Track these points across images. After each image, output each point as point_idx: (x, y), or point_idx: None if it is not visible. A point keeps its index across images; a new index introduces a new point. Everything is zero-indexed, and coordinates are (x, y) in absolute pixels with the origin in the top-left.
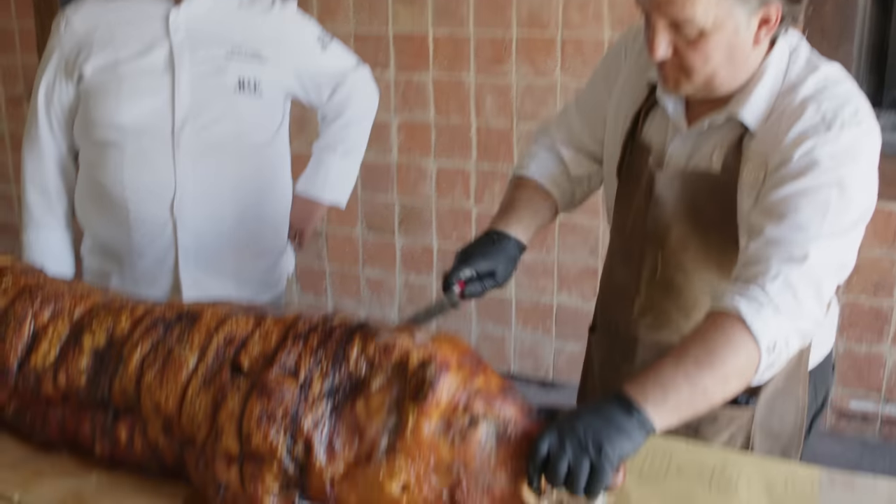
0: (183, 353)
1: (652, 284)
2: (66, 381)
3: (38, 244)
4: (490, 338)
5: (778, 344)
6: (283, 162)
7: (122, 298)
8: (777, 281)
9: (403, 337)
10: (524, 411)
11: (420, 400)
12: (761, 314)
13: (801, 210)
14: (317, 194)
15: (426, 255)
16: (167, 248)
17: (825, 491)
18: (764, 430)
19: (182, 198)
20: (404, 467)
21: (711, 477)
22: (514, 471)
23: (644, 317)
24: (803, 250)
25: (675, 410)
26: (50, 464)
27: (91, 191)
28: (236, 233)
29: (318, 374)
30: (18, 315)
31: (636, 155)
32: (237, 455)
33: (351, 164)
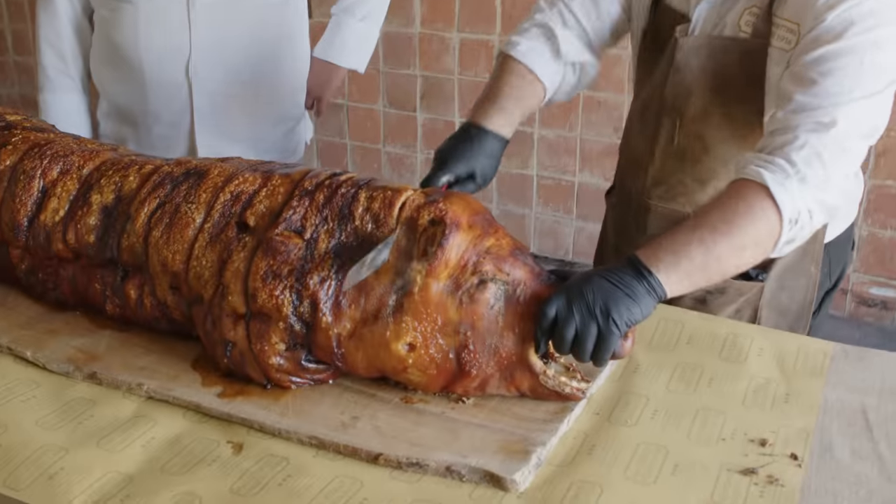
0: (189, 210)
1: (667, 153)
2: (75, 238)
3: (54, 107)
4: (510, 217)
5: (801, 216)
6: (301, 26)
7: (131, 156)
8: (804, 150)
9: (414, 193)
10: (535, 274)
11: (429, 259)
12: (786, 184)
13: (832, 74)
14: (335, 58)
15: (448, 131)
16: (182, 112)
17: (836, 363)
18: (772, 305)
19: (197, 59)
20: (411, 327)
21: (722, 347)
22: (521, 334)
23: (657, 186)
24: (831, 116)
25: (687, 277)
26: (64, 322)
27: (106, 52)
28: (253, 97)
29: (325, 232)
30: (28, 171)
31: (660, 20)
32: (244, 313)
33: (370, 28)
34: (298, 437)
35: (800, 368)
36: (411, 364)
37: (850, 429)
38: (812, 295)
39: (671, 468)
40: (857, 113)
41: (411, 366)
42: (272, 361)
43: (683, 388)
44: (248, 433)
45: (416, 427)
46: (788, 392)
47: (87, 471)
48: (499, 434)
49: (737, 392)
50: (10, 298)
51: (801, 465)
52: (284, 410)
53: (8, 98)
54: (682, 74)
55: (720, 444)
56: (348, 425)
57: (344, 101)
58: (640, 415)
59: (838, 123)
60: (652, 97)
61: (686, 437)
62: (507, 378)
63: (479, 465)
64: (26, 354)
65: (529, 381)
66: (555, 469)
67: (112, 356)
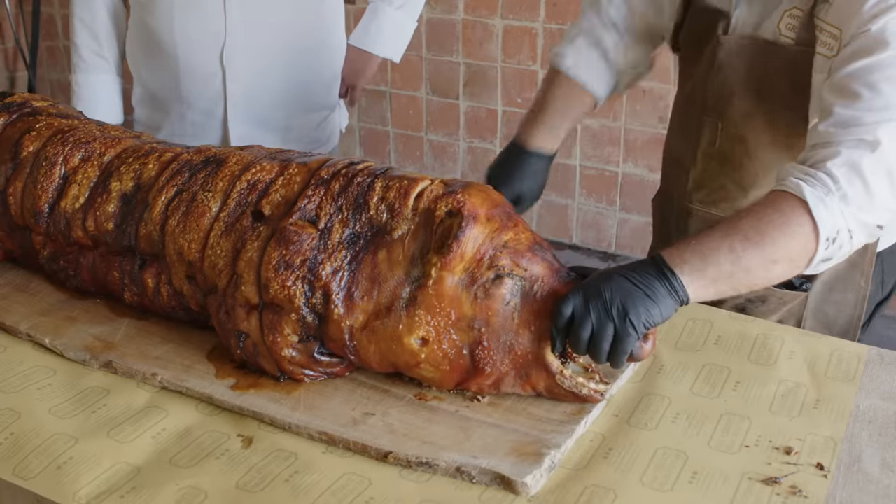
0: (206, 198)
1: (709, 155)
2: (94, 225)
3: (87, 88)
4: (552, 207)
5: (840, 236)
6: (337, 14)
7: (152, 143)
8: (845, 167)
9: (432, 184)
10: (553, 270)
11: (444, 252)
12: (827, 200)
13: (876, 88)
14: (370, 46)
15: (490, 119)
16: (216, 100)
17: (871, 368)
18: (817, 317)
19: (232, 46)
20: (424, 321)
21: (752, 348)
22: (538, 332)
23: (698, 190)
24: (874, 134)
25: (713, 283)
26: (83, 310)
27: (141, 36)
28: (287, 86)
29: (339, 222)
30: (50, 158)
31: (698, 18)
32: (257, 304)
33: (407, 17)
34: (308, 433)
35: (832, 373)
36: (424, 359)
37: (882, 439)
38: (861, 310)
39: (689, 475)
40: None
41: (424, 361)
42: (285, 353)
43: (708, 391)
44: (258, 427)
45: (429, 425)
46: (818, 398)
47: (95, 461)
48: (512, 434)
49: (764, 396)
50: (33, 284)
51: (827, 476)
52: (296, 404)
53: (58, 83)
54: (724, 74)
55: (743, 451)
56: (359, 421)
57: (387, 88)
58: (661, 418)
59: (882, 143)
60: (693, 95)
61: (707, 443)
62: (523, 377)
63: (490, 467)
64: (45, 341)
65: (546, 381)
66: (569, 472)
67: (128, 345)
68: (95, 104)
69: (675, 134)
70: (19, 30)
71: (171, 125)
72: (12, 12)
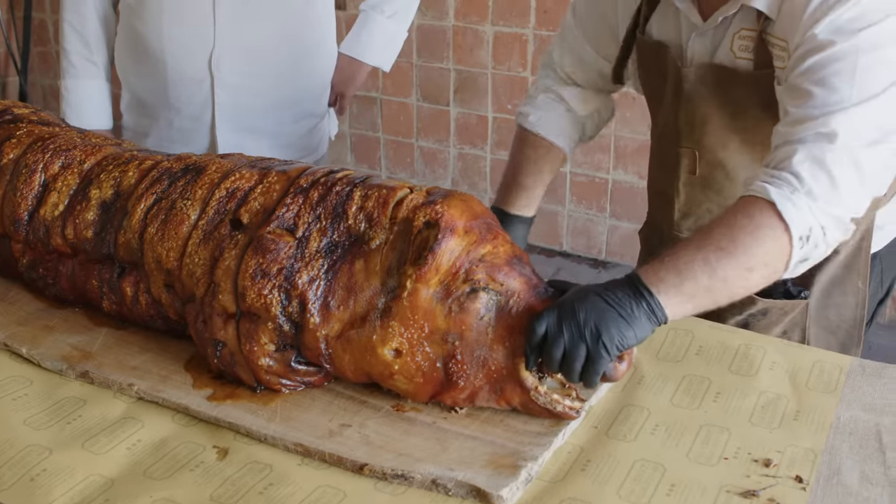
0: (185, 206)
1: (691, 184)
2: (73, 233)
3: (76, 93)
4: (542, 214)
5: (813, 233)
6: (328, 22)
7: (133, 151)
8: (807, 163)
9: (413, 193)
10: (530, 285)
11: (420, 264)
12: (794, 199)
13: (825, 83)
14: (360, 55)
15: (481, 126)
16: (204, 106)
17: (852, 379)
18: (820, 324)
19: (221, 53)
20: (397, 332)
21: (733, 359)
22: (512, 347)
23: (685, 218)
24: (830, 126)
25: (691, 299)
26: (62, 319)
27: (129, 41)
28: (275, 93)
29: (317, 230)
30: (30, 165)
31: (648, 53)
32: (234, 313)
33: (398, 26)
34: (284, 444)
35: (813, 384)
36: (397, 370)
37: (862, 451)
38: (862, 312)
39: (667, 488)
40: (857, 120)
41: (397, 372)
42: (262, 362)
43: (688, 402)
44: (234, 438)
45: (405, 437)
46: (799, 409)
47: (69, 473)
48: (489, 447)
49: (744, 408)
50: (11, 293)
51: (806, 489)
52: (272, 416)
53: (50, 88)
54: (693, 104)
55: (721, 463)
56: (336, 433)
57: (377, 94)
58: (640, 429)
59: (839, 134)
60: (666, 128)
61: (686, 455)
62: (497, 391)
63: (466, 480)
64: (22, 351)
65: (520, 397)
66: (546, 485)
67: (106, 354)
68: (84, 109)
69: (655, 167)
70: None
71: (158, 131)
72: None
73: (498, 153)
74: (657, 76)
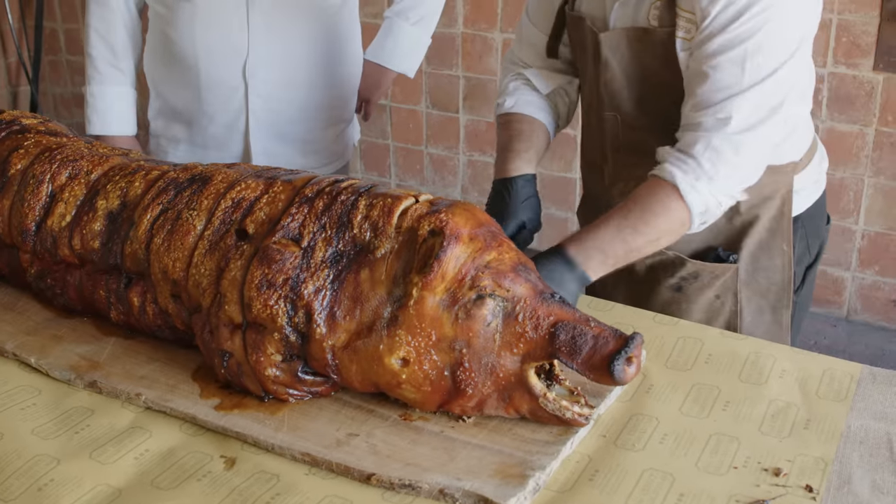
0: (191, 217)
1: (616, 150)
2: (80, 244)
3: (101, 100)
4: (552, 221)
5: (710, 208)
6: (354, 28)
7: (140, 161)
8: (709, 151)
9: (418, 203)
10: (536, 291)
11: (425, 272)
12: (697, 186)
13: (721, 67)
14: (386, 61)
15: (490, 133)
16: (238, 113)
17: (863, 387)
18: (751, 287)
19: (255, 61)
20: (404, 341)
21: (743, 367)
22: (520, 353)
23: (615, 184)
24: (726, 111)
25: (612, 267)
26: (70, 328)
27: (161, 48)
28: (308, 99)
29: (322, 240)
30: (37, 176)
31: (576, 27)
32: (240, 323)
33: (422, 32)
34: (291, 454)
35: (823, 392)
36: (405, 380)
37: (873, 460)
38: (789, 273)
39: (676, 498)
40: (749, 103)
41: (405, 381)
42: (268, 373)
43: (697, 411)
44: (242, 447)
45: (413, 446)
46: (809, 418)
47: (76, 483)
48: (497, 456)
49: (754, 416)
50: (20, 303)
51: (816, 499)
52: (280, 425)
53: (61, 97)
54: (611, 69)
55: (731, 472)
56: (343, 442)
57: (387, 102)
58: (649, 439)
59: (733, 118)
60: (590, 95)
61: (695, 464)
62: (506, 399)
63: (474, 489)
64: (30, 361)
65: (529, 404)
66: (553, 495)
67: (114, 364)
68: (109, 115)
69: (585, 138)
70: (22, 44)
71: (191, 138)
72: (15, 27)
73: None
74: (581, 47)
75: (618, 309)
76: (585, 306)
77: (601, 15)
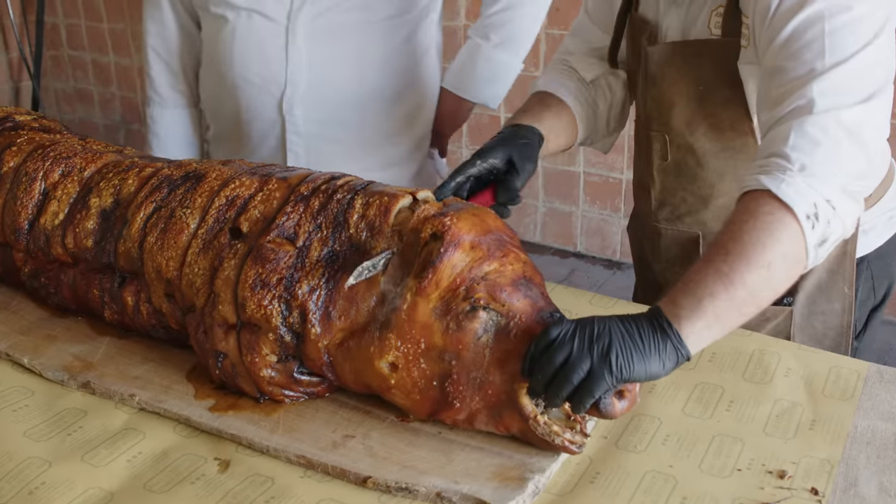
0: (185, 215)
1: (664, 171)
2: (73, 242)
3: (161, 124)
4: (556, 215)
5: (820, 209)
6: (427, 57)
7: (134, 158)
8: (791, 139)
9: (426, 204)
10: (535, 308)
11: (421, 277)
12: (786, 178)
13: (796, 56)
14: (460, 89)
15: (493, 126)
16: (276, 150)
17: (870, 386)
18: (805, 332)
19: (292, 95)
20: (394, 346)
21: (747, 366)
22: (510, 372)
23: (662, 208)
24: (806, 96)
25: (717, 319)
26: (64, 328)
27: (209, 72)
28: (358, 140)
29: (318, 240)
30: (30, 174)
31: (636, 32)
32: (234, 323)
33: (509, 56)
34: (287, 456)
35: (829, 391)
36: (394, 385)
37: (880, 461)
38: (849, 318)
39: (678, 501)
40: (833, 84)
41: (394, 386)
42: (264, 374)
43: (700, 412)
44: (236, 449)
45: (410, 448)
46: (815, 418)
47: (68, 486)
48: (496, 458)
49: (758, 417)
50: (14, 302)
51: (822, 501)
52: (275, 427)
53: (63, 92)
54: (659, 87)
55: (734, 475)
56: (339, 444)
57: None
58: (651, 440)
59: (815, 101)
60: (639, 114)
61: (698, 466)
62: (496, 417)
63: (471, 493)
64: (23, 361)
65: (519, 424)
66: (553, 498)
67: (108, 364)
68: (171, 141)
69: (636, 155)
70: (23, 40)
71: None
72: (16, 22)
73: None
74: (635, 57)
75: (620, 306)
76: (587, 303)
77: (654, 18)
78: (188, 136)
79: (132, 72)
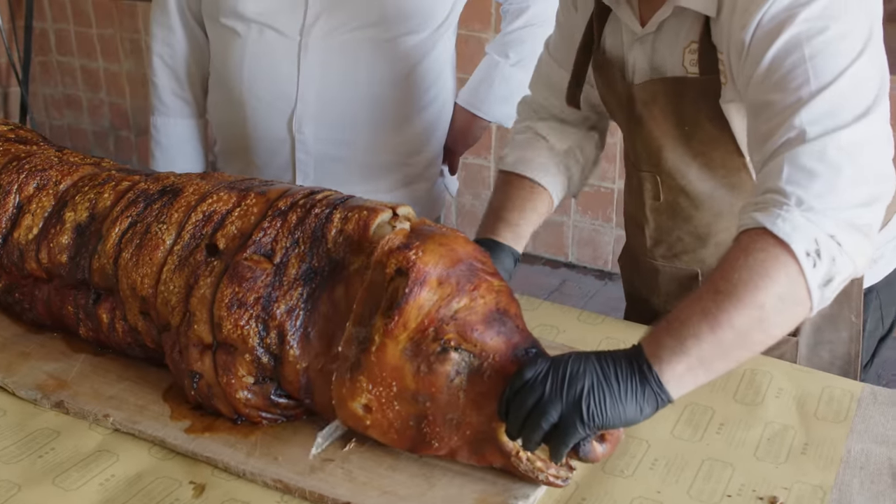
0: (160, 230)
1: (657, 211)
2: (47, 257)
3: (166, 133)
4: (547, 224)
5: (822, 245)
6: (443, 70)
7: (111, 171)
8: (786, 171)
9: (391, 234)
10: (510, 346)
11: (388, 317)
12: (783, 214)
13: (781, 86)
14: (476, 108)
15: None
16: (285, 168)
17: (864, 408)
18: (811, 361)
19: (302, 114)
20: (366, 388)
21: (738, 386)
22: (487, 412)
23: (657, 246)
24: (796, 128)
25: (701, 363)
26: (39, 345)
27: (217, 85)
28: (368, 161)
29: (296, 256)
30: (4, 186)
31: (603, 71)
32: (210, 343)
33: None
34: (263, 480)
35: (822, 413)
36: (370, 425)
37: (874, 487)
38: (857, 347)
39: None
40: (822, 108)
41: (370, 427)
42: (240, 395)
43: (690, 434)
44: (212, 473)
45: (391, 472)
46: (807, 442)
47: None
48: (479, 484)
49: (749, 440)
50: None
51: None
52: (252, 449)
53: (51, 98)
54: (646, 126)
55: (724, 501)
56: (317, 468)
57: None
58: (639, 464)
59: (807, 130)
60: (627, 153)
61: (686, 492)
62: (477, 452)
63: None
64: None
65: (502, 460)
66: None
67: (82, 383)
68: (175, 152)
69: (626, 190)
70: (11, 45)
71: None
72: (4, 27)
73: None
74: (613, 97)
75: (608, 323)
76: (575, 319)
77: (619, 55)
78: (192, 147)
79: (121, 78)
